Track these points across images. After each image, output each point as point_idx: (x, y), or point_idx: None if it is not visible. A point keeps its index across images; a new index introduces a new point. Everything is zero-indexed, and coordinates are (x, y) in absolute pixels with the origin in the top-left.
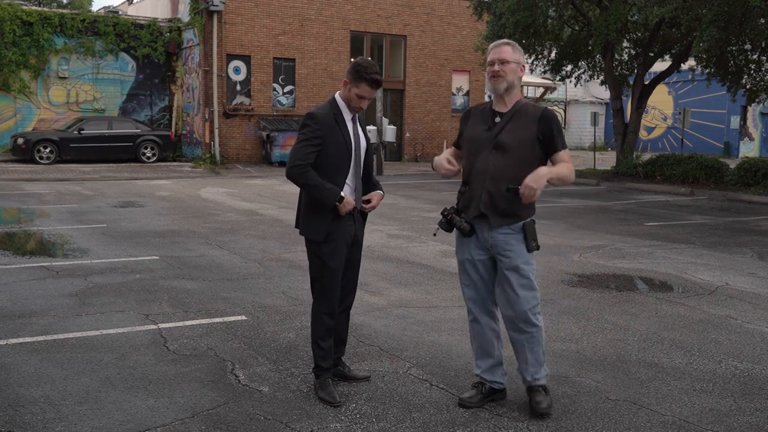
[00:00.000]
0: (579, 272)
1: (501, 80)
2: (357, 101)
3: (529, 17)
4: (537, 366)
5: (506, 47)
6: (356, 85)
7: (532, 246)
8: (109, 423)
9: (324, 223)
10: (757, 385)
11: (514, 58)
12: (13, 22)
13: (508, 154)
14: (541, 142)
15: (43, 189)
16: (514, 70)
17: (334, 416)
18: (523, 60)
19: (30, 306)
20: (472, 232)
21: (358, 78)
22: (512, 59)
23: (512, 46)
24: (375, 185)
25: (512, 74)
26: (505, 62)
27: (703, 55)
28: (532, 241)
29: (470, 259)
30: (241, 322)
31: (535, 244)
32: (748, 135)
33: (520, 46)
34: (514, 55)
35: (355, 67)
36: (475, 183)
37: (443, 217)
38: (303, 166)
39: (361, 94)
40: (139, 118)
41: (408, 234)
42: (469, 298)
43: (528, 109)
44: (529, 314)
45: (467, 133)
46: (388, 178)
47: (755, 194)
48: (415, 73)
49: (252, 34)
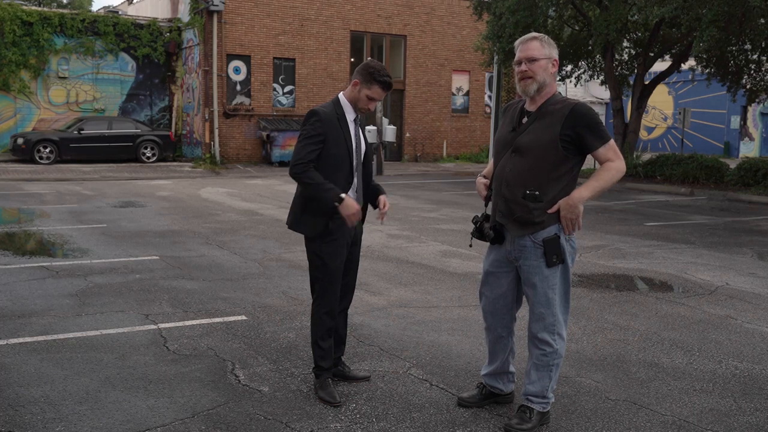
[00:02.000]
0: (579, 272)
1: (531, 82)
2: (366, 102)
3: (529, 17)
4: (538, 386)
5: (534, 43)
6: (368, 86)
7: (552, 261)
8: (109, 423)
9: (318, 220)
10: (757, 385)
11: (543, 53)
12: (13, 22)
13: (525, 158)
14: (573, 143)
15: (43, 189)
16: (545, 68)
17: (334, 416)
18: (555, 53)
19: (30, 306)
20: (498, 240)
21: (371, 80)
22: (541, 55)
23: (540, 40)
24: (377, 188)
25: (543, 73)
26: (533, 60)
27: (703, 55)
28: (552, 255)
29: (491, 272)
30: (241, 322)
31: (556, 258)
32: (749, 135)
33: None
34: (543, 50)
35: (368, 69)
36: (494, 189)
37: (474, 225)
38: (305, 164)
39: (372, 96)
40: (139, 118)
41: (408, 234)
42: (484, 309)
43: (555, 107)
44: (541, 333)
45: (497, 134)
46: (388, 178)
47: (755, 194)
48: (415, 73)
49: (252, 34)
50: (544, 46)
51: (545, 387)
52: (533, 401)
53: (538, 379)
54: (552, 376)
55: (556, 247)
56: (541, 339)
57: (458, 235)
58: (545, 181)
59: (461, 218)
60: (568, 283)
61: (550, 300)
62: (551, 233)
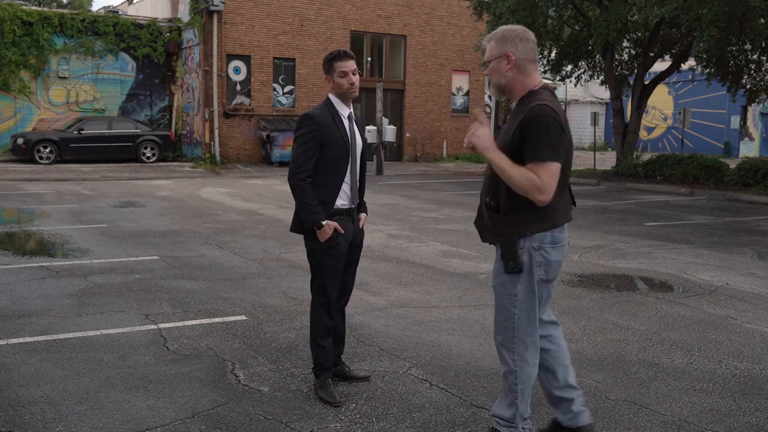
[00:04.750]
0: (579, 272)
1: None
2: (345, 82)
3: (529, 17)
4: (504, 408)
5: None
6: (333, 70)
7: (509, 266)
8: (109, 423)
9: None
10: (757, 385)
11: (492, 53)
12: (13, 22)
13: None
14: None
15: (43, 189)
16: (496, 69)
17: (334, 416)
18: (508, 47)
19: (30, 306)
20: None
21: (330, 64)
22: (491, 56)
23: (492, 39)
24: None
25: (496, 74)
26: (486, 64)
27: (703, 55)
28: (508, 260)
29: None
30: (241, 322)
31: (513, 265)
32: (748, 135)
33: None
34: (493, 50)
35: (324, 61)
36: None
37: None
38: (303, 178)
39: (342, 71)
40: (139, 118)
41: (408, 234)
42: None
43: (523, 107)
44: (500, 346)
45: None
46: (388, 178)
47: (755, 194)
48: (415, 73)
49: (252, 34)
50: (496, 44)
51: (513, 413)
52: (500, 423)
53: (503, 400)
54: (518, 402)
55: (511, 251)
56: (500, 354)
57: (458, 235)
58: (503, 190)
59: (461, 218)
60: (534, 301)
61: (509, 312)
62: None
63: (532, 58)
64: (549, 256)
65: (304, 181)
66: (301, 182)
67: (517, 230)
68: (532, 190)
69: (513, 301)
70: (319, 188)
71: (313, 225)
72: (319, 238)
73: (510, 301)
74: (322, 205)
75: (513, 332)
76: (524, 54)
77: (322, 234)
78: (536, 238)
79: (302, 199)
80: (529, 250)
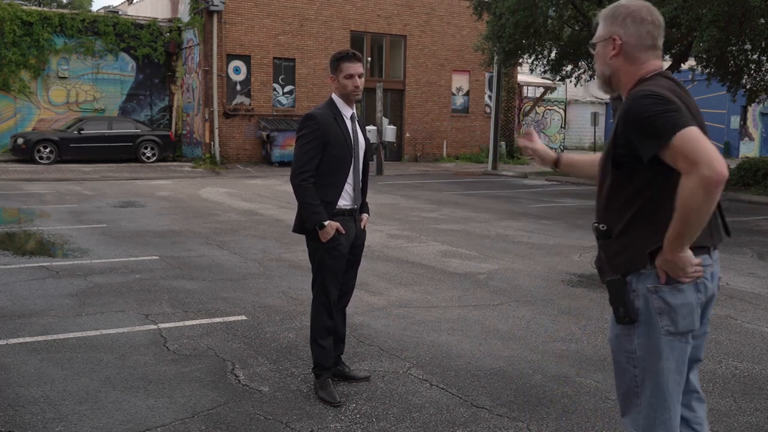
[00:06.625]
0: (579, 272)
1: (597, 77)
2: (350, 85)
3: (529, 17)
4: None
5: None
6: (339, 71)
7: (619, 314)
8: (109, 423)
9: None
10: (757, 385)
11: (599, 34)
12: (13, 22)
13: (599, 181)
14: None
15: (43, 189)
16: (602, 54)
17: (334, 416)
18: (616, 28)
19: (30, 306)
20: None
21: (336, 64)
22: (597, 38)
23: (601, 17)
24: (362, 206)
25: (601, 62)
26: (593, 47)
27: (703, 55)
28: (617, 306)
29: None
30: (241, 322)
31: (623, 312)
32: (748, 135)
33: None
34: (600, 29)
35: (331, 59)
36: None
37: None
38: (306, 179)
39: (348, 73)
40: (139, 118)
41: (408, 234)
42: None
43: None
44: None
45: None
46: (388, 178)
47: (755, 194)
48: (415, 73)
49: (252, 34)
50: (603, 23)
51: None
52: None
53: None
54: None
55: (619, 294)
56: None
57: (458, 235)
58: (614, 206)
59: (461, 218)
60: (661, 362)
61: (628, 374)
62: (617, 275)
63: (648, 45)
64: (672, 299)
65: (306, 181)
66: (303, 182)
67: (628, 263)
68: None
69: (631, 359)
70: (322, 188)
71: (315, 225)
72: (321, 239)
73: (627, 360)
74: (325, 205)
75: (637, 402)
76: (636, 38)
77: (324, 234)
78: (651, 276)
79: (304, 200)
80: (643, 293)
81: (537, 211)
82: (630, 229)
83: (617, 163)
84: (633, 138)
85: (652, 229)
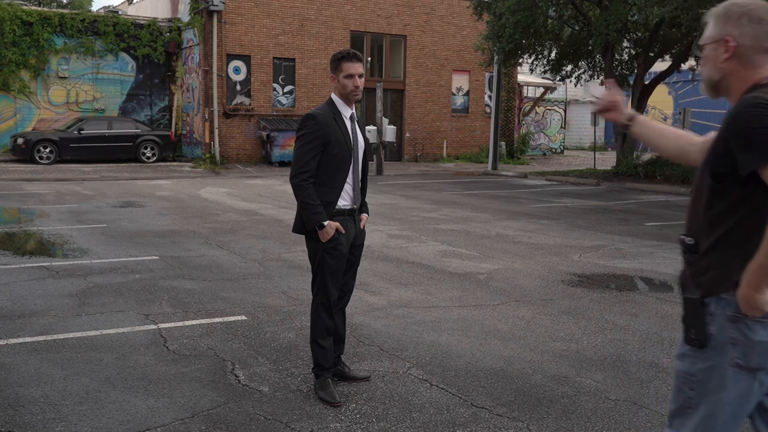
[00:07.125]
0: (579, 272)
1: (702, 81)
2: (350, 85)
3: (529, 17)
4: None
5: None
6: (339, 69)
7: (689, 335)
8: (109, 423)
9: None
10: None
11: (709, 35)
12: (13, 22)
13: (695, 187)
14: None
15: (43, 189)
16: (710, 57)
17: (334, 416)
18: (730, 29)
19: (30, 306)
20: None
21: (337, 64)
22: (706, 40)
23: (713, 16)
24: (362, 206)
25: (709, 66)
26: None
27: None
28: (689, 326)
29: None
30: (241, 322)
31: (695, 336)
32: None
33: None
34: (711, 30)
35: (332, 58)
36: None
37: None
38: (306, 179)
39: (349, 72)
40: (139, 118)
41: (408, 234)
42: None
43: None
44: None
45: None
46: (388, 178)
47: None
48: (415, 73)
49: (252, 34)
50: (714, 23)
51: None
52: None
53: None
54: None
55: (695, 314)
56: None
57: (458, 235)
58: (704, 220)
59: (461, 218)
60: (720, 391)
61: (683, 397)
62: (697, 294)
63: (767, 47)
64: (752, 334)
65: (306, 181)
66: (303, 182)
67: (711, 284)
68: None
69: (688, 381)
70: (322, 188)
71: (315, 225)
72: (321, 239)
73: (685, 380)
74: (325, 205)
75: (686, 422)
76: (752, 39)
77: (323, 234)
78: (733, 303)
79: (304, 200)
80: (720, 320)
81: (537, 211)
82: (718, 249)
83: (714, 173)
84: (734, 148)
85: (743, 251)
